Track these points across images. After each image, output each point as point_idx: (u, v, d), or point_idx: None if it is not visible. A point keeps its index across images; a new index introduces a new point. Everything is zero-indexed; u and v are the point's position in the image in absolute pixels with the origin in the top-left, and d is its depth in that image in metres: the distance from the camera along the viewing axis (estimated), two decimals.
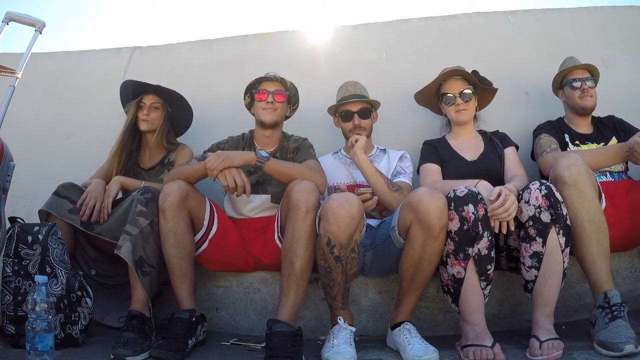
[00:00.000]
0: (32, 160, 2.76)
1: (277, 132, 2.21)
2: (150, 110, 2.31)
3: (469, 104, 2.17)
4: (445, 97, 2.20)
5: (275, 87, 2.14)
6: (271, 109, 2.12)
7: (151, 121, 2.31)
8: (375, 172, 2.04)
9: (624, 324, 1.52)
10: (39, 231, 1.78)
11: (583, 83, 2.23)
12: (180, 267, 1.84)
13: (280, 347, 1.59)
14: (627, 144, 1.91)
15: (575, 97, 2.25)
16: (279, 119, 2.15)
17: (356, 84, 2.33)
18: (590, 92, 2.23)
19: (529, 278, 1.67)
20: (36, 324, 1.43)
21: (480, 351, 1.55)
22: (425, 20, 2.90)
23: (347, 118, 2.24)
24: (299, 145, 2.18)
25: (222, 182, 1.84)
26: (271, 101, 2.11)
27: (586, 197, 1.66)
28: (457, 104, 2.17)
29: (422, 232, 1.65)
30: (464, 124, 2.21)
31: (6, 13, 2.00)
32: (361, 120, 2.22)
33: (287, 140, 2.22)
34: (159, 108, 2.34)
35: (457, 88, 2.17)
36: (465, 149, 2.17)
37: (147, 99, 2.32)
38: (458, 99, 2.16)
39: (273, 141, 2.21)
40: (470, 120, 2.22)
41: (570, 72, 2.29)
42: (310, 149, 2.16)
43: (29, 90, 2.89)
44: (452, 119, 2.24)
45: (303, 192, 1.76)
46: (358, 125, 2.21)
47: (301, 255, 1.73)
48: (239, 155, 1.88)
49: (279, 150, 2.19)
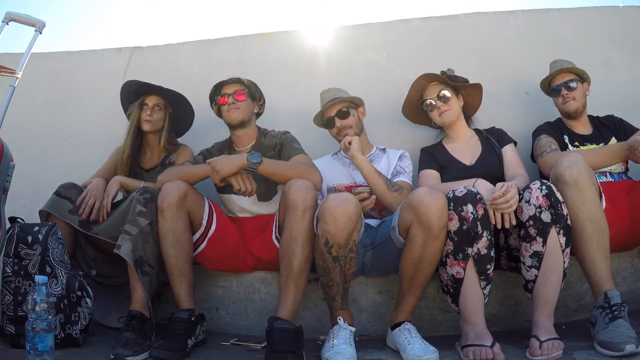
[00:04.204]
0: (32, 160, 2.76)
1: (250, 130, 2.22)
2: (153, 111, 2.30)
3: (449, 104, 2.18)
4: (425, 104, 2.22)
5: (234, 88, 2.17)
6: (234, 109, 2.14)
7: (154, 122, 2.30)
8: (375, 173, 2.04)
9: (624, 324, 1.52)
10: (39, 231, 1.78)
11: (563, 88, 2.23)
12: (179, 266, 1.84)
13: (281, 342, 1.59)
14: (627, 142, 1.91)
15: (559, 103, 2.27)
16: (244, 116, 2.16)
17: (330, 89, 2.34)
18: (572, 95, 2.22)
19: (529, 278, 1.67)
20: (36, 324, 1.43)
21: (480, 351, 1.55)
22: (425, 20, 2.89)
23: (330, 124, 2.26)
24: (281, 140, 2.17)
25: (235, 186, 1.87)
26: (232, 102, 2.14)
27: (587, 197, 1.66)
28: (437, 107, 2.18)
29: (423, 232, 1.65)
30: (452, 125, 2.22)
31: (6, 13, 2.00)
32: (342, 121, 2.22)
33: (264, 136, 2.22)
34: (162, 109, 2.33)
35: (433, 93, 2.19)
36: (463, 153, 2.17)
37: (149, 99, 2.32)
38: (437, 101, 2.17)
39: (247, 139, 2.22)
40: (455, 119, 2.21)
41: (553, 78, 2.29)
42: (294, 143, 2.15)
43: (29, 90, 2.88)
44: (439, 123, 2.24)
45: (300, 191, 1.76)
46: (341, 126, 2.21)
47: (299, 255, 1.74)
48: (233, 163, 1.87)
49: (256, 147, 2.19)
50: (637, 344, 1.45)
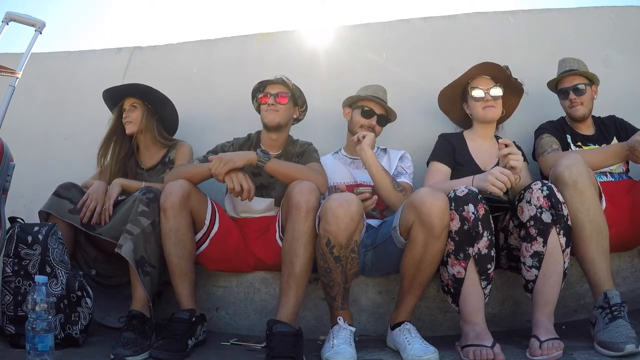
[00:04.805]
0: (32, 160, 2.76)
1: (283, 136, 2.20)
2: (129, 112, 2.31)
3: (497, 102, 2.13)
4: (473, 93, 2.14)
5: (278, 90, 2.14)
6: (273, 110, 2.12)
7: (133, 122, 2.30)
8: (382, 171, 2.02)
9: (624, 324, 1.52)
10: (39, 231, 1.78)
11: (571, 92, 2.21)
12: (181, 266, 1.84)
13: (281, 347, 1.59)
14: (627, 143, 1.91)
15: (566, 106, 2.25)
16: (282, 120, 2.14)
17: (385, 91, 2.31)
18: (580, 100, 2.20)
19: (530, 278, 1.67)
20: (36, 324, 1.43)
21: (480, 351, 1.55)
22: (425, 20, 2.89)
23: (368, 115, 2.21)
24: (304, 150, 2.18)
25: (229, 185, 1.85)
26: (273, 103, 2.12)
27: (586, 197, 1.66)
28: (485, 100, 2.12)
29: (424, 232, 1.65)
30: (489, 123, 2.16)
31: (6, 13, 2.00)
32: (377, 125, 2.21)
33: (293, 145, 2.21)
34: (137, 107, 2.32)
35: (486, 85, 2.13)
36: (481, 156, 2.13)
37: (126, 102, 2.33)
38: (487, 95, 2.12)
39: (278, 145, 2.20)
40: (495, 119, 2.17)
41: (561, 80, 2.26)
42: (314, 153, 2.16)
43: (29, 90, 2.88)
44: (478, 116, 2.16)
45: (304, 192, 1.76)
46: (372, 126, 2.20)
47: (301, 256, 1.74)
48: (241, 156, 1.88)
49: (283, 154, 2.18)
50: (637, 344, 1.45)
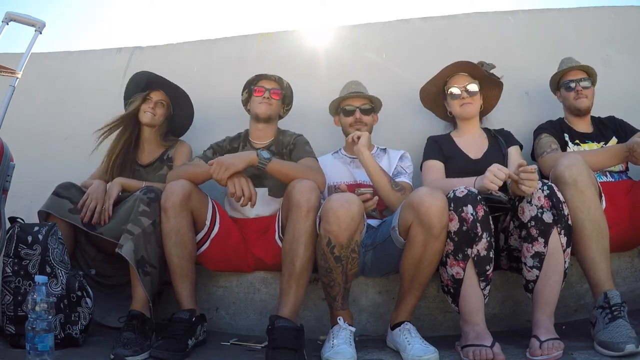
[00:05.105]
0: (32, 160, 2.76)
1: (271, 127, 2.26)
2: (156, 106, 2.34)
3: (474, 98, 2.18)
4: (450, 91, 2.21)
5: (273, 86, 2.23)
6: (266, 104, 2.19)
7: (156, 116, 2.33)
8: (380, 171, 2.03)
9: (624, 324, 1.52)
10: (39, 231, 1.78)
11: (577, 84, 2.24)
12: (181, 266, 1.84)
13: (283, 339, 1.60)
14: (627, 144, 1.92)
15: (571, 98, 2.26)
16: (273, 113, 2.23)
17: (359, 83, 2.38)
18: (585, 93, 2.24)
19: (530, 278, 1.67)
20: (36, 324, 1.43)
21: (480, 351, 1.55)
22: (425, 20, 2.90)
23: (349, 113, 2.27)
24: (294, 141, 2.20)
25: (230, 189, 1.85)
26: (267, 97, 2.19)
27: (586, 197, 1.67)
28: (462, 97, 2.17)
29: (423, 232, 1.65)
30: (469, 119, 2.21)
31: (6, 13, 2.00)
32: (362, 116, 2.25)
33: (283, 135, 2.27)
34: (164, 106, 2.37)
35: (462, 83, 2.18)
36: (469, 147, 2.18)
37: (155, 94, 2.35)
38: (463, 92, 2.17)
39: (268, 135, 2.25)
40: (475, 115, 2.22)
41: (566, 74, 2.30)
42: (306, 146, 2.18)
43: (29, 90, 2.88)
44: (457, 113, 2.23)
45: (304, 191, 1.76)
46: (359, 119, 2.24)
47: (301, 255, 1.74)
48: (242, 159, 1.87)
49: (274, 143, 2.23)
50: (637, 344, 1.45)
